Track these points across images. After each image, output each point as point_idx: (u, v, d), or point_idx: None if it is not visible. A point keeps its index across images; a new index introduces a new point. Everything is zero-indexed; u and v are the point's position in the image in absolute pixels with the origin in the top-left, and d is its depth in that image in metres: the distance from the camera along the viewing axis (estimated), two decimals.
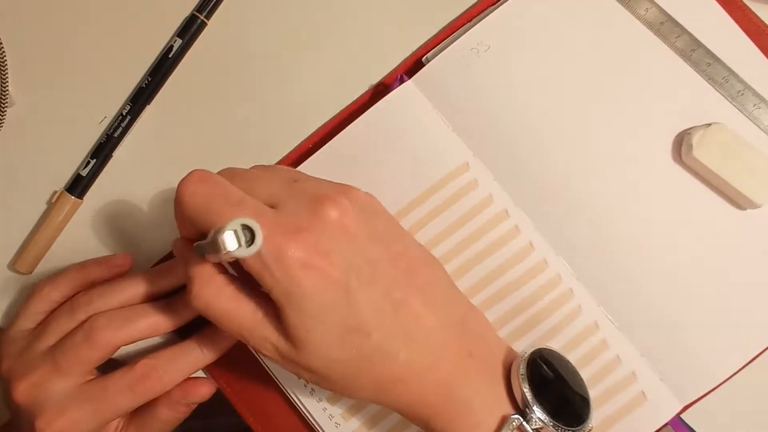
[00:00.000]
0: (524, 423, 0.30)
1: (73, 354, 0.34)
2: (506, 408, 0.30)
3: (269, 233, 0.28)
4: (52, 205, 0.40)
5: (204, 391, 0.36)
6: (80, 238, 0.40)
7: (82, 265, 0.38)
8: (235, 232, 0.25)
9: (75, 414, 0.33)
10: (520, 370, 0.31)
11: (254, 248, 0.25)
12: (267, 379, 0.38)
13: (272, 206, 0.29)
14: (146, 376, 0.34)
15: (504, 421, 0.30)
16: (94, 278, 0.37)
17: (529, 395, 0.30)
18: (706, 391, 0.36)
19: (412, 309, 0.30)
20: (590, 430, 0.31)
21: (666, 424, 0.35)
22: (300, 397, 0.37)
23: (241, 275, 0.31)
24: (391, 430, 0.36)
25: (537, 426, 0.30)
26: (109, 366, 0.35)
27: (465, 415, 0.30)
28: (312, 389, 0.37)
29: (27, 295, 0.37)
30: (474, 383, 0.31)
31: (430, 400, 0.30)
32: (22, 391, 0.34)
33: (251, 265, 0.28)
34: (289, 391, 0.37)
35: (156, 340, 0.37)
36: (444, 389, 0.30)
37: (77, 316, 0.35)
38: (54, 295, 0.37)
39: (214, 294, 0.30)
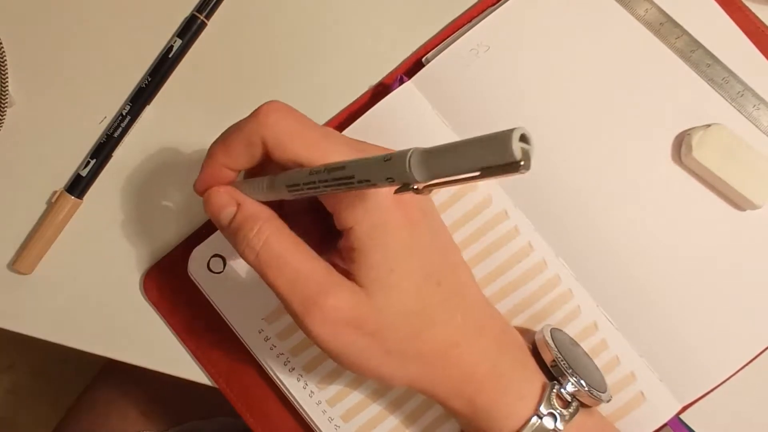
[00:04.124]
0: (562, 390, 0.31)
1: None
2: (541, 378, 0.32)
3: None
4: (51, 205, 0.40)
5: None
6: (80, 238, 0.40)
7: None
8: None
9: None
10: (548, 340, 0.32)
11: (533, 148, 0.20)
12: (267, 380, 0.38)
13: None
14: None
15: (545, 388, 0.31)
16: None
17: (563, 362, 0.31)
18: (705, 391, 0.36)
19: (462, 275, 0.31)
20: (610, 399, 0.33)
21: (665, 425, 0.35)
22: (300, 399, 0.37)
23: None
24: (391, 430, 0.36)
25: (572, 391, 0.31)
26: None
27: (509, 388, 0.31)
28: (311, 391, 0.37)
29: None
30: (511, 356, 0.32)
31: (476, 370, 0.30)
32: None
33: (336, 202, 0.27)
34: (289, 393, 0.37)
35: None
36: (489, 359, 0.31)
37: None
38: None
39: (275, 232, 0.28)
